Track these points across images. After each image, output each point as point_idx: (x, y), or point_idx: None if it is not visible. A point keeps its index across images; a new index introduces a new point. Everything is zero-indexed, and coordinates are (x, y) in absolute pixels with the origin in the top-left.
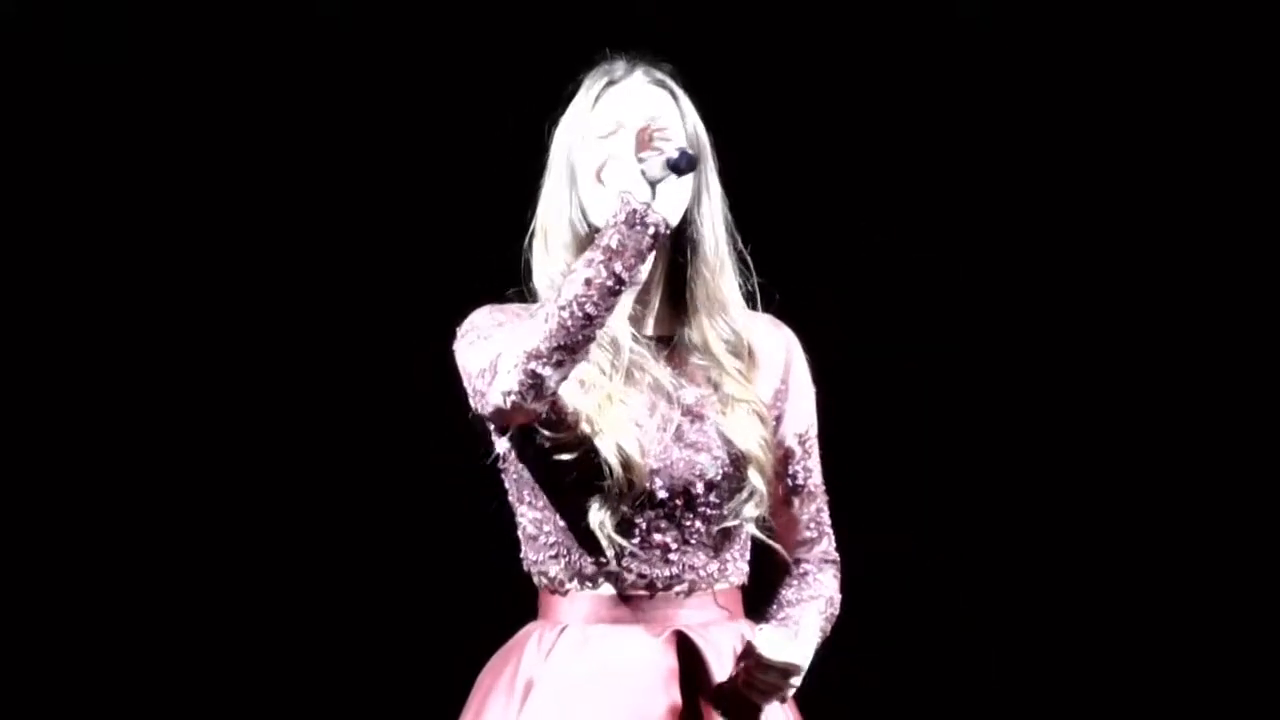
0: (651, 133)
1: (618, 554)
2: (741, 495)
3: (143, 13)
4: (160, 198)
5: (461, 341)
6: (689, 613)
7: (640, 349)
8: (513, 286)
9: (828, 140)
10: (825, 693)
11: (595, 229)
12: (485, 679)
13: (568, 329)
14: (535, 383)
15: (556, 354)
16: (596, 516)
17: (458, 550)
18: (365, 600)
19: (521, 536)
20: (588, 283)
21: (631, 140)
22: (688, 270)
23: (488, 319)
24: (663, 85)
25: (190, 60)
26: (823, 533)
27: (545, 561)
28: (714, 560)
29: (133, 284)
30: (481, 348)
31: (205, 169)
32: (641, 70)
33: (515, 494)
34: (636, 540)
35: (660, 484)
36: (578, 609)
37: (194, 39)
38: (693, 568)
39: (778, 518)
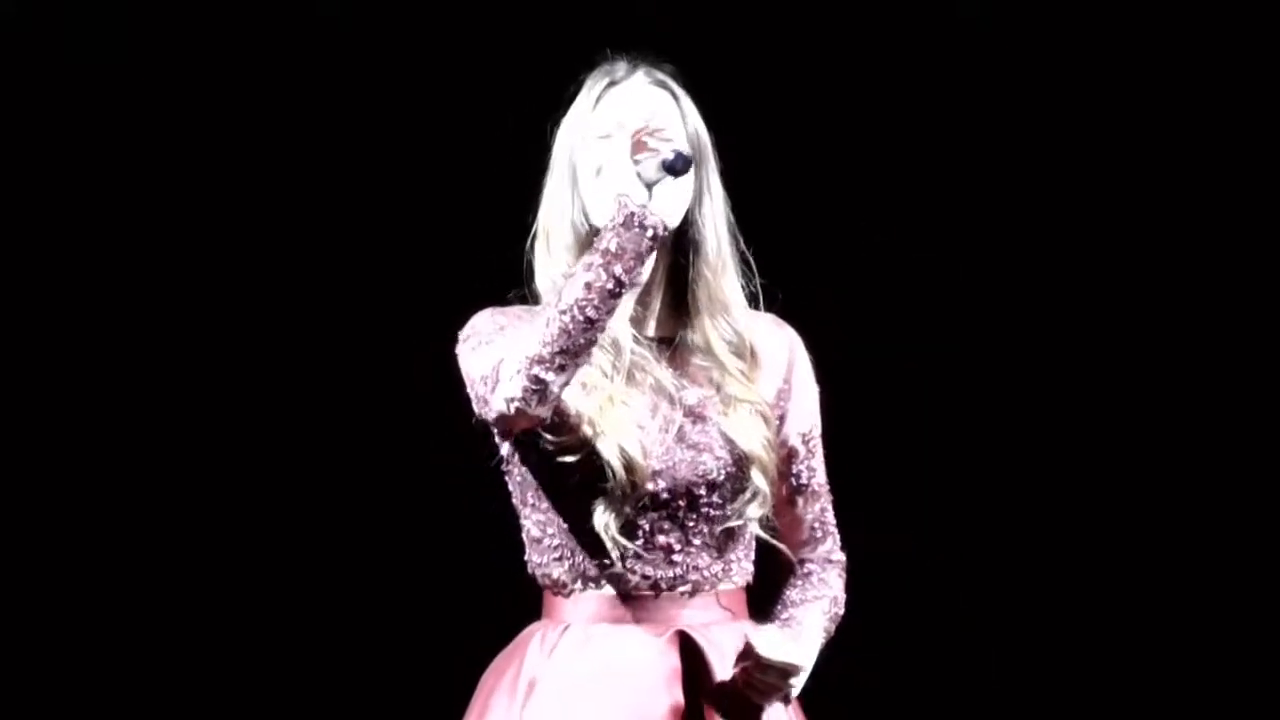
0: (646, 134)
1: (622, 555)
2: (744, 496)
3: (143, 13)
4: (161, 198)
5: (463, 346)
6: (692, 613)
7: (642, 350)
8: (514, 287)
9: (828, 140)
10: (826, 693)
11: (597, 229)
12: (489, 679)
13: (569, 333)
14: (538, 388)
15: (559, 358)
16: (600, 519)
17: (461, 551)
18: (368, 601)
19: (525, 539)
20: (588, 286)
21: (628, 142)
22: (689, 271)
23: (489, 322)
24: (664, 86)
25: (190, 60)
26: (827, 533)
27: (549, 564)
28: (718, 561)
29: (133, 284)
30: (484, 352)
31: (206, 169)
32: (643, 71)
33: (519, 497)
34: (640, 541)
35: (663, 485)
36: (581, 609)
37: (194, 39)
38: (696, 568)
39: (781, 518)
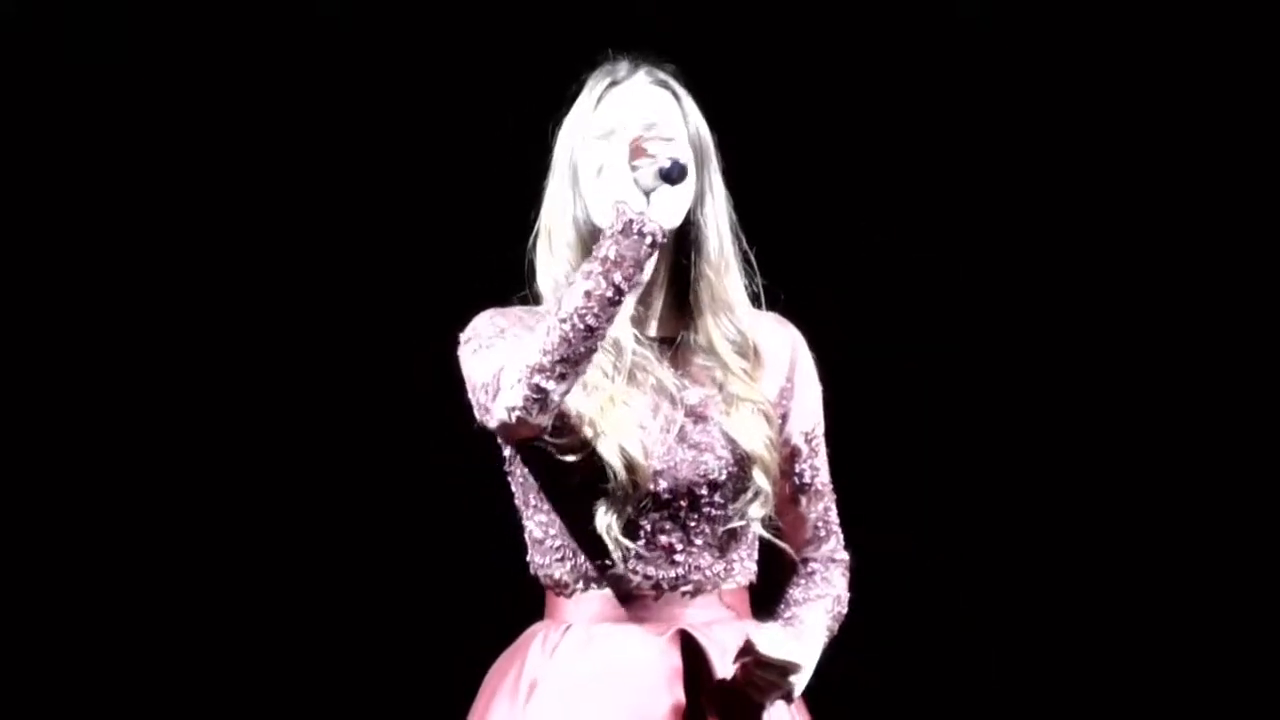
0: (643, 141)
1: (624, 556)
2: (746, 495)
3: (143, 13)
4: (161, 198)
5: (465, 349)
6: (695, 612)
7: (643, 350)
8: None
9: (828, 140)
10: (826, 693)
11: (598, 229)
12: (491, 679)
13: (569, 341)
14: (539, 397)
15: (559, 367)
16: (602, 519)
17: (463, 551)
18: (371, 601)
19: (528, 540)
20: (587, 295)
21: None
22: (692, 271)
23: (489, 325)
24: (665, 86)
25: (190, 60)
26: (830, 532)
27: (552, 565)
28: (720, 560)
29: (134, 284)
30: (484, 357)
31: (206, 170)
32: (644, 71)
33: (521, 498)
34: (642, 542)
35: (665, 485)
36: (583, 610)
37: (194, 39)
38: (699, 568)
39: (785, 517)
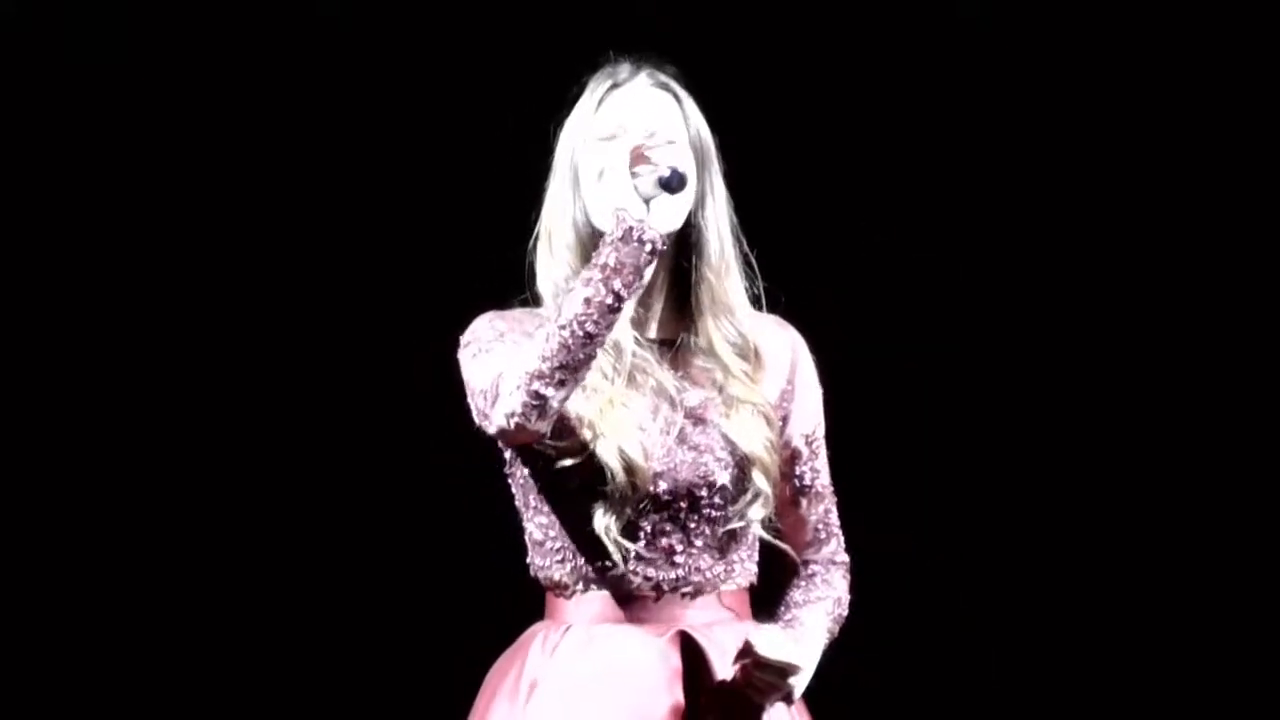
0: (646, 150)
1: (624, 557)
2: (746, 497)
3: (143, 13)
4: (161, 198)
5: (464, 352)
6: (695, 614)
7: (643, 353)
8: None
9: (828, 141)
10: (826, 693)
11: (598, 232)
12: (491, 679)
13: (569, 348)
14: (538, 403)
15: (558, 373)
16: (602, 521)
17: (463, 552)
18: (371, 602)
19: (528, 542)
20: (587, 302)
21: (627, 152)
22: (692, 274)
23: (489, 328)
24: (666, 88)
25: (190, 60)
26: (831, 534)
27: (551, 566)
28: (720, 562)
29: (134, 285)
30: (484, 362)
31: (206, 170)
32: (645, 73)
33: (521, 500)
34: (642, 543)
35: (665, 487)
36: (584, 611)
37: (194, 39)
38: (699, 570)
39: (785, 519)
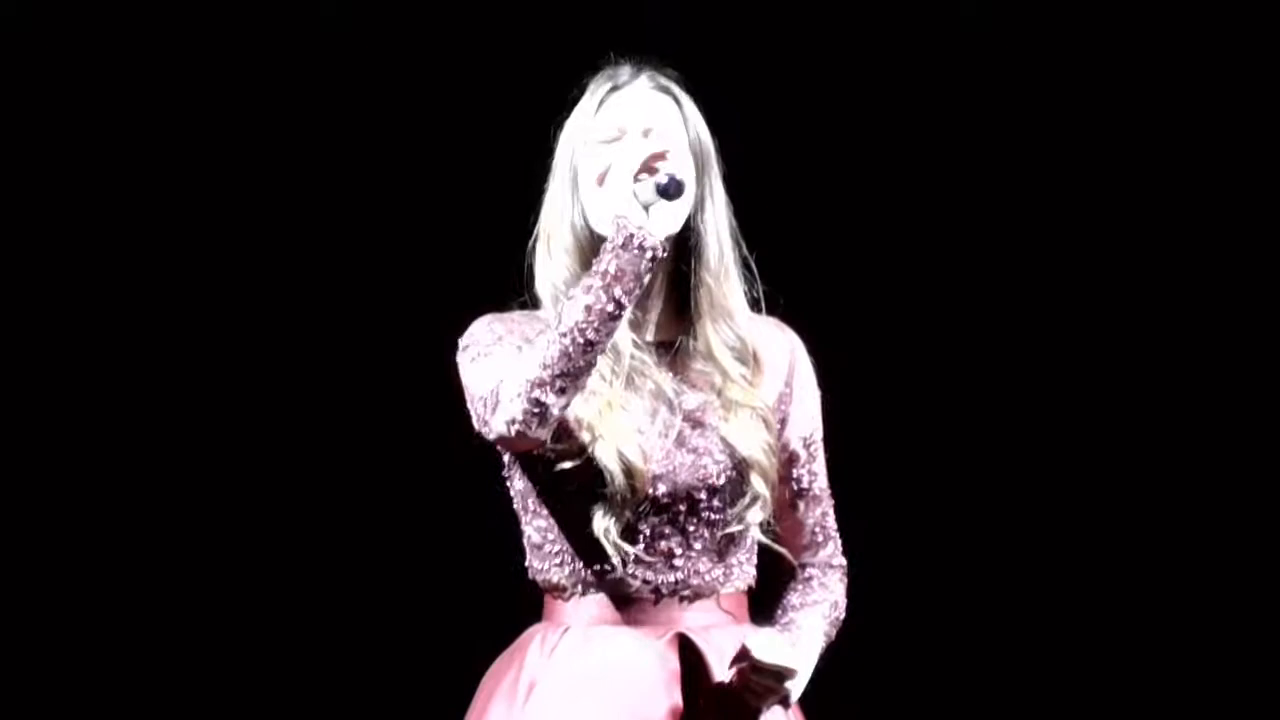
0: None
1: (623, 560)
2: (744, 500)
3: (143, 13)
4: (161, 199)
5: (463, 356)
6: (693, 617)
7: (641, 355)
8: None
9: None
10: (826, 693)
11: (597, 234)
12: (489, 680)
13: (569, 356)
14: (539, 411)
15: (559, 381)
16: (601, 524)
17: (461, 552)
18: (369, 602)
19: (526, 544)
20: (588, 309)
21: (629, 154)
22: (691, 278)
23: (487, 333)
24: (667, 91)
25: (191, 61)
26: (828, 537)
27: (550, 569)
28: (719, 565)
29: (134, 285)
30: (483, 366)
31: (206, 171)
32: (646, 76)
33: (520, 503)
34: (641, 546)
35: (663, 490)
36: (582, 613)
37: (194, 39)
38: (698, 573)
39: (783, 522)
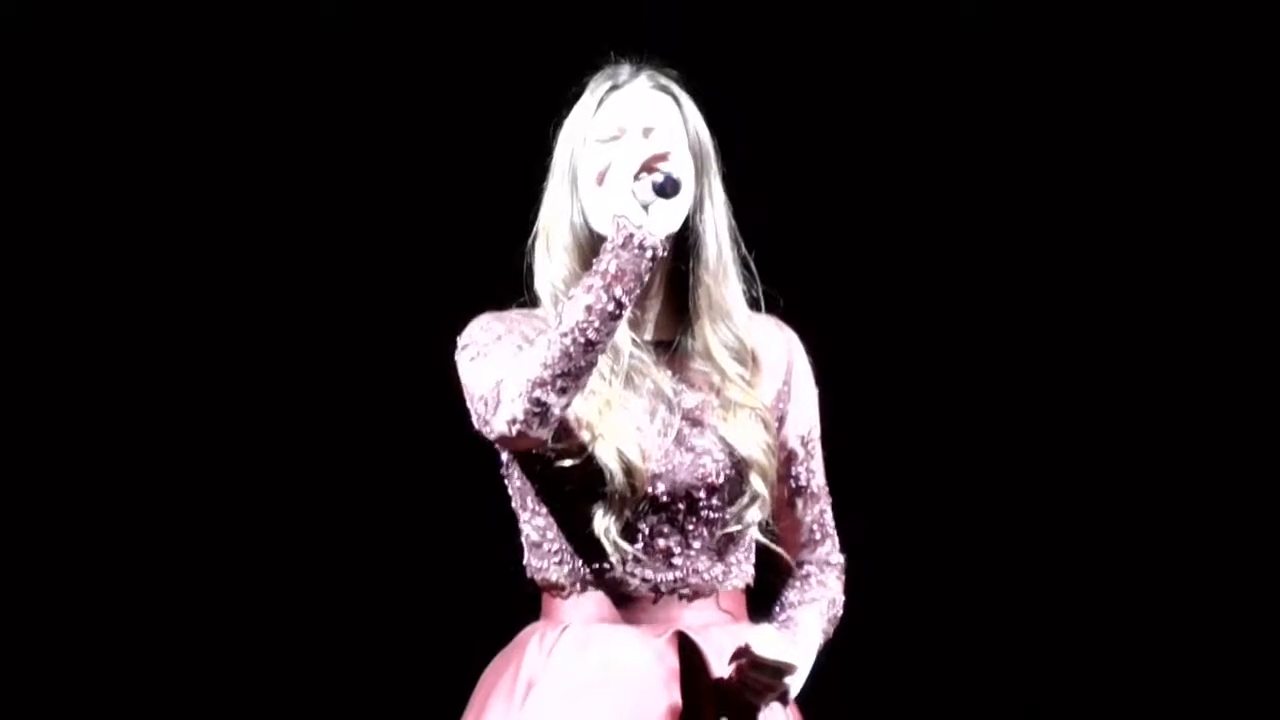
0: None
1: (621, 559)
2: (743, 500)
3: (143, 13)
4: (161, 199)
5: (462, 355)
6: (692, 615)
7: (640, 354)
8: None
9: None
10: (825, 693)
11: (596, 233)
12: (487, 679)
13: (570, 355)
14: (540, 410)
15: (560, 380)
16: (600, 522)
17: (460, 551)
18: (368, 601)
19: (525, 543)
20: (588, 309)
21: (629, 154)
22: (690, 278)
23: (486, 332)
24: (666, 91)
25: (191, 61)
26: (826, 534)
27: (549, 568)
28: (718, 564)
29: (134, 285)
30: (482, 366)
31: (207, 171)
32: (646, 75)
33: (518, 501)
34: (640, 545)
35: (663, 488)
36: (581, 611)
37: (194, 39)
38: (696, 571)
39: (781, 520)
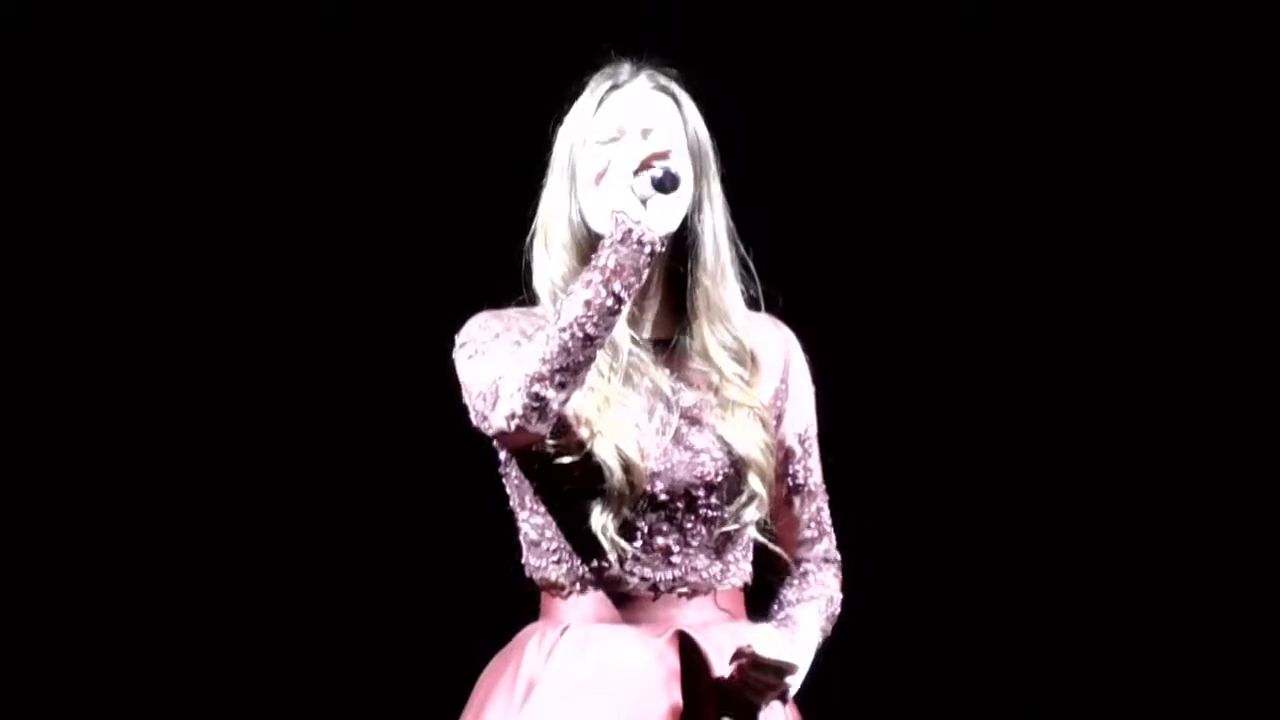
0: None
1: (620, 557)
2: (741, 499)
3: (143, 13)
4: (161, 199)
5: (460, 353)
6: (691, 614)
7: (639, 352)
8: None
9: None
10: (825, 692)
11: (594, 233)
12: (486, 679)
13: (569, 350)
14: (539, 405)
15: (559, 375)
16: (599, 519)
17: (459, 551)
18: (367, 601)
19: (523, 542)
20: (587, 304)
21: (628, 155)
22: (688, 279)
23: (484, 330)
24: (666, 91)
25: (191, 61)
26: (823, 532)
27: (548, 567)
28: (716, 562)
29: (133, 285)
30: (480, 364)
31: (206, 170)
32: (646, 75)
33: (516, 500)
34: (639, 543)
35: (661, 487)
36: (580, 611)
37: (194, 39)
38: (695, 570)
39: (778, 518)
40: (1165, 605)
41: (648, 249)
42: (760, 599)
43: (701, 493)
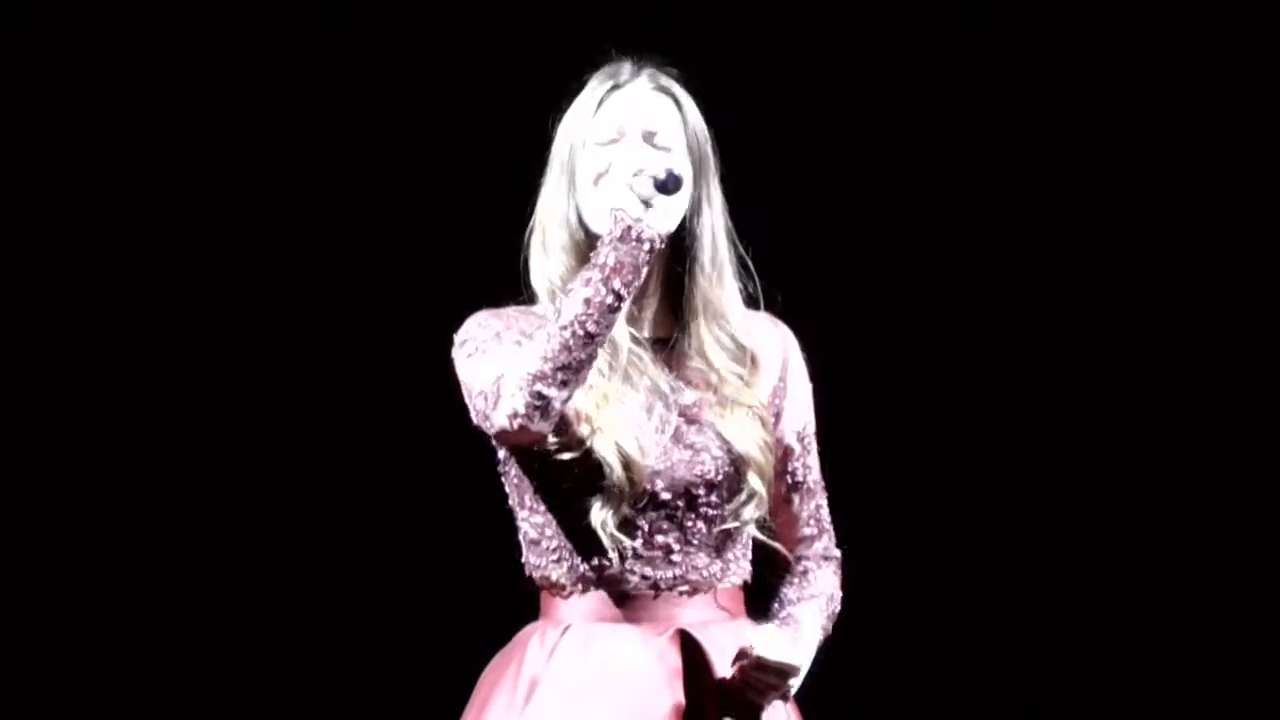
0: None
1: (620, 555)
2: (741, 497)
3: (143, 13)
4: (161, 199)
5: (459, 352)
6: (691, 612)
7: (638, 350)
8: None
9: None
10: (825, 692)
11: (592, 234)
12: (487, 678)
13: (569, 348)
14: (540, 404)
15: (560, 374)
16: (598, 516)
17: (459, 550)
18: (367, 601)
19: (523, 541)
20: (587, 302)
21: (628, 158)
22: (686, 279)
23: (483, 329)
24: (666, 92)
25: (191, 61)
26: (823, 529)
27: (548, 565)
28: (716, 561)
29: (133, 285)
30: (480, 362)
31: (206, 170)
32: (646, 75)
33: (516, 499)
34: (639, 541)
35: (661, 485)
36: (581, 610)
37: (194, 39)
38: (695, 568)
39: (778, 516)
40: (1165, 605)
41: (647, 246)
42: (760, 597)
43: (702, 491)
